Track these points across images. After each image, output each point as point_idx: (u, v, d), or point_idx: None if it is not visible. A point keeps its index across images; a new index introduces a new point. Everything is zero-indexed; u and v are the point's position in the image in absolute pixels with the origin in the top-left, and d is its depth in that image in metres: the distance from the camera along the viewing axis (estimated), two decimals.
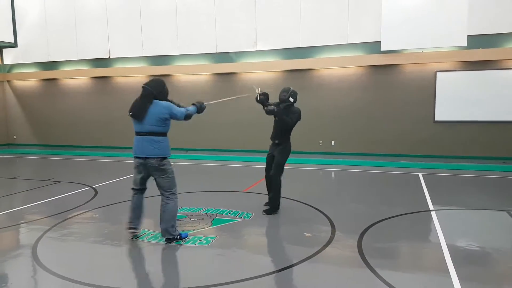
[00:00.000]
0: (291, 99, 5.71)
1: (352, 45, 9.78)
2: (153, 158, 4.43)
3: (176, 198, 4.63)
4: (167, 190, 4.58)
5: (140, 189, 4.72)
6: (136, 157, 4.53)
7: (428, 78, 9.40)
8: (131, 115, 4.47)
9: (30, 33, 12.83)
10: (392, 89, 9.68)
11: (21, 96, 13.53)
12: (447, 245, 4.44)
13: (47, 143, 13.28)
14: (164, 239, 4.65)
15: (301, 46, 10.18)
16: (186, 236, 4.75)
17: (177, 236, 4.64)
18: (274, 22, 10.32)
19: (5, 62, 13.45)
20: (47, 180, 8.48)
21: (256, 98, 5.69)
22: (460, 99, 9.21)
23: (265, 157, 6.04)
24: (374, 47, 9.49)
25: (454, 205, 6.25)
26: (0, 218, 5.82)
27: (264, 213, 5.69)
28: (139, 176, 4.63)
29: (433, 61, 9.21)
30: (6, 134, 13.75)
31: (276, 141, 5.79)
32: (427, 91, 9.43)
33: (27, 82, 13.36)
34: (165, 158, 4.50)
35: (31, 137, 13.54)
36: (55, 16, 12.45)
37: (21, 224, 5.49)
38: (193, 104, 4.80)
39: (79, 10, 12.13)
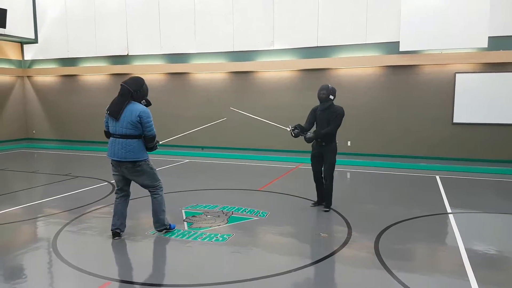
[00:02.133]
0: (331, 97, 5.59)
1: (370, 45, 9.70)
2: (126, 161, 4.42)
3: (161, 191, 4.71)
4: (150, 188, 4.67)
5: (122, 192, 4.70)
6: (111, 159, 4.52)
7: (447, 79, 9.26)
8: (108, 114, 4.42)
9: (50, 29, 13.07)
10: (411, 90, 9.57)
11: (41, 91, 13.80)
12: (465, 248, 4.38)
13: (65, 138, 13.52)
14: (156, 230, 4.84)
15: (318, 45, 10.14)
16: (174, 228, 4.95)
17: (167, 226, 4.83)
18: (292, 21, 10.30)
19: (25, 58, 13.74)
20: (65, 175, 8.63)
21: (292, 135, 5.63)
22: (479, 101, 9.05)
23: (280, 156, 6.05)
24: (392, 47, 9.39)
25: (472, 208, 6.16)
26: (21, 211, 5.96)
27: (327, 210, 5.75)
28: (116, 175, 4.62)
29: (452, 62, 9.07)
30: (25, 128, 14.05)
31: (323, 143, 5.65)
32: (446, 92, 9.29)
33: (47, 78, 13.62)
34: (139, 161, 4.45)
35: (50, 132, 13.80)
36: (75, 13, 12.65)
37: (41, 218, 5.61)
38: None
39: (98, 7, 12.30)
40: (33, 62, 13.71)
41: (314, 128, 5.79)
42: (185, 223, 5.28)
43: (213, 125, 6.71)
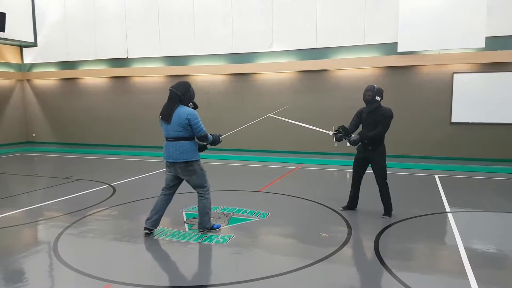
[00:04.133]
0: (378, 98, 5.32)
1: (369, 46, 9.75)
2: (179, 162, 4.66)
3: (207, 194, 4.91)
4: (198, 188, 4.88)
5: (168, 190, 4.91)
6: (166, 161, 4.77)
7: (445, 79, 9.31)
8: (161, 118, 4.66)
9: (50, 32, 13.10)
10: (409, 91, 9.62)
11: (41, 95, 13.83)
12: (465, 247, 4.41)
13: (65, 141, 13.54)
14: (198, 231, 4.96)
15: (317, 47, 10.18)
16: (219, 227, 5.07)
17: (210, 228, 4.96)
18: (291, 23, 10.35)
19: (25, 61, 13.76)
20: (66, 178, 8.65)
21: (334, 140, 5.37)
22: (477, 101, 9.10)
23: (280, 157, 6.04)
24: (391, 48, 9.44)
25: (471, 208, 6.19)
26: (21, 214, 5.98)
27: (387, 217, 5.46)
28: (170, 177, 4.87)
29: (450, 62, 9.12)
30: (25, 132, 14.07)
31: (370, 147, 5.38)
32: (444, 92, 9.34)
33: (46, 81, 13.65)
34: (191, 161, 4.68)
35: (50, 135, 13.82)
36: (74, 16, 12.69)
37: (42, 221, 5.63)
38: (211, 134, 4.88)
39: (98, 11, 12.33)
40: (32, 65, 13.73)
41: (359, 130, 5.52)
42: (186, 225, 5.30)
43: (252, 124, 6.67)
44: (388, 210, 5.53)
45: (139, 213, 5.86)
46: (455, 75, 9.20)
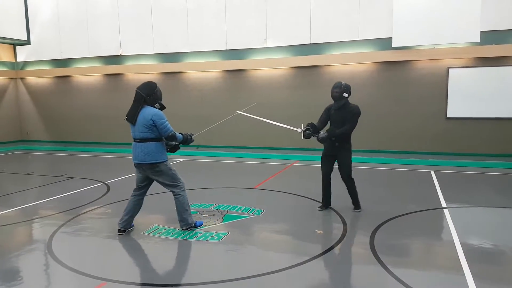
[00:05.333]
0: (345, 95, 5.33)
1: (363, 41, 9.72)
2: (145, 163, 4.60)
3: (182, 192, 4.83)
4: (171, 187, 4.80)
5: (139, 190, 4.84)
6: (133, 161, 4.74)
7: (440, 74, 9.30)
8: (126, 119, 4.61)
9: (43, 30, 12.99)
10: (404, 86, 9.61)
11: (34, 93, 13.71)
12: (461, 243, 4.41)
13: (59, 139, 13.45)
14: (181, 229, 4.88)
15: (311, 42, 10.14)
16: (201, 225, 5.04)
17: (192, 224, 4.90)
18: (285, 19, 10.29)
19: (18, 60, 13.64)
20: (60, 176, 8.59)
21: (302, 137, 5.35)
22: (472, 95, 9.10)
23: (275, 154, 5.96)
24: (385, 43, 9.42)
25: (467, 203, 6.19)
26: (15, 213, 5.92)
27: (358, 210, 5.59)
28: (139, 177, 4.82)
29: (445, 57, 9.11)
30: (19, 130, 13.96)
31: (337, 144, 5.38)
32: (439, 87, 9.33)
33: (40, 79, 13.53)
34: (156, 163, 4.61)
35: (44, 134, 13.72)
36: (67, 13, 12.57)
37: (36, 219, 5.58)
38: (180, 133, 4.85)
39: (91, 8, 12.23)
40: (26, 63, 13.61)
41: (327, 127, 5.52)
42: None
43: (225, 121, 6.62)
44: (357, 203, 5.65)
45: None
46: (450, 70, 9.19)
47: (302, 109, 9.95)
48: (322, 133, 5.26)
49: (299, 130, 5.33)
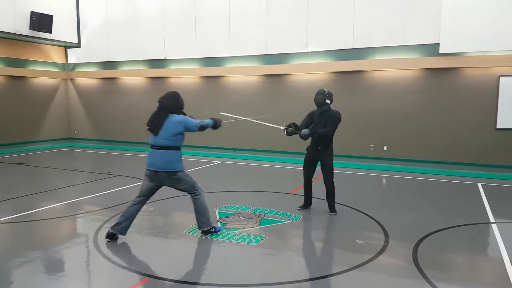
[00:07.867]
0: (328, 101, 5.72)
1: (408, 47, 9.44)
2: (164, 171, 4.56)
3: (199, 194, 4.79)
4: (188, 191, 4.78)
5: (139, 197, 4.74)
6: (148, 169, 4.66)
7: (491, 82, 8.87)
8: (148, 129, 4.63)
9: (92, 34, 13.61)
10: (451, 94, 9.23)
11: (82, 93, 14.38)
12: (510, 260, 4.17)
13: (105, 138, 14.00)
14: (201, 232, 4.86)
15: (354, 47, 9.98)
16: (220, 230, 4.99)
17: (211, 228, 4.87)
18: (326, 23, 10.18)
19: (69, 61, 14.37)
20: (105, 174, 8.94)
21: (285, 134, 5.75)
22: None
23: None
24: (432, 49, 9.09)
25: None
26: (63, 207, 6.22)
27: (334, 213, 5.82)
28: (148, 186, 4.70)
29: (496, 65, 8.67)
30: (67, 128, 14.68)
31: (319, 148, 5.75)
32: (489, 96, 8.90)
33: (88, 81, 14.18)
34: (175, 171, 4.58)
35: (91, 132, 14.34)
36: (115, 18, 13.10)
37: (82, 214, 5.84)
38: (211, 118, 4.89)
39: (138, 13, 12.68)
40: (76, 65, 14.31)
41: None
42: (219, 223, 5.33)
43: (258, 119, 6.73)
44: (333, 207, 5.84)
45: (173, 210, 5.97)
46: (501, 78, 8.74)
47: (342, 115, 9.77)
48: (304, 131, 5.62)
49: (282, 127, 5.76)
